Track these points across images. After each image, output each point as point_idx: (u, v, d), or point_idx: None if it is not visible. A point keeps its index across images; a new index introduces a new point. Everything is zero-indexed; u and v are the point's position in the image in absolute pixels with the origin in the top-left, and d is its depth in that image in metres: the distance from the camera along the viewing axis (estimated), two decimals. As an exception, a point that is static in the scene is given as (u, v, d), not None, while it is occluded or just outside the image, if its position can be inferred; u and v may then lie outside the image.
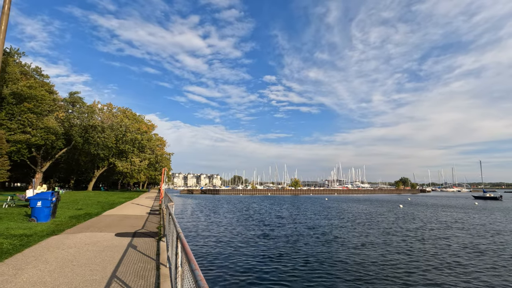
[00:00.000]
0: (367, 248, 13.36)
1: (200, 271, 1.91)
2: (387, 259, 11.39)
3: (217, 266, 10.15)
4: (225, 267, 10.03)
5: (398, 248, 13.55)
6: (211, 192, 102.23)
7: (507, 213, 32.31)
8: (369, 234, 17.41)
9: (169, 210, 6.77)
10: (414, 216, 27.94)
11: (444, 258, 11.62)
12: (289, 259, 11.26)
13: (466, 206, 44.22)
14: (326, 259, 11.29)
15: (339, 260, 11.26)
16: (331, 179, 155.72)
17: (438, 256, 12.04)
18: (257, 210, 33.88)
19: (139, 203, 25.81)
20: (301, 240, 15.26)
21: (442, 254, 12.30)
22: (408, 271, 9.87)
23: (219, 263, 10.52)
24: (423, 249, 13.37)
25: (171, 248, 5.20)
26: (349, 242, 14.72)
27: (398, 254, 12.24)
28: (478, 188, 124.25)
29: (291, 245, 13.94)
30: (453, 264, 10.81)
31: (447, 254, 12.33)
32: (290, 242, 14.69)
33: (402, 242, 14.84)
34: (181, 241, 3.06)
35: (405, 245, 14.11)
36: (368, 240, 15.33)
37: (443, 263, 10.86)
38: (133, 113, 57.89)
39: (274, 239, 15.43)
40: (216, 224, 21.19)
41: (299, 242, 14.59)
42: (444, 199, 68.53)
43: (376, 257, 11.69)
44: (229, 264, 10.41)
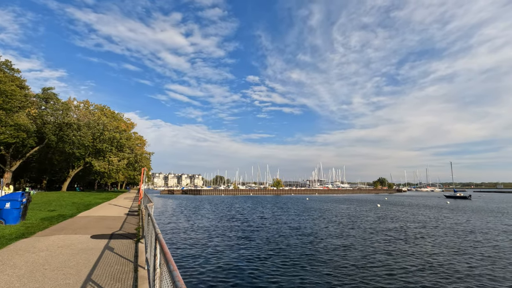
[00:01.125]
0: (348, 249, 13.69)
1: (178, 271, 1.90)
2: (368, 259, 11.74)
3: (197, 267, 10.04)
4: (204, 268, 9.95)
5: (377, 248, 13.98)
6: (192, 192, 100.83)
7: (476, 212, 34.21)
8: (350, 234, 17.85)
9: (148, 211, 6.62)
10: (391, 216, 28.96)
11: (421, 257, 12.14)
12: (270, 260, 11.33)
13: (439, 205, 46.44)
14: (307, 260, 11.46)
15: (320, 260, 11.47)
16: (312, 179, 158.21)
17: (416, 255, 12.56)
18: (239, 210, 33.84)
19: (117, 203, 25.01)
20: (283, 241, 15.41)
21: (419, 253, 12.85)
22: (388, 270, 10.22)
23: (199, 264, 10.42)
24: (401, 248, 13.89)
25: (149, 249, 5.09)
26: (330, 243, 15.03)
27: (378, 254, 12.63)
28: (450, 188, 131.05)
29: (273, 246, 14.04)
30: (430, 262, 11.33)
31: (424, 253, 12.89)
32: (271, 243, 14.79)
33: (381, 242, 15.35)
34: (159, 242, 3.01)
35: (384, 245, 14.59)
36: (349, 241, 15.71)
37: (421, 262, 11.35)
38: (111, 111, 56.04)
39: (255, 240, 15.48)
40: (197, 225, 20.96)
41: (280, 243, 14.71)
42: (418, 198, 71.58)
43: (357, 258, 12.01)
44: (209, 265, 10.33)
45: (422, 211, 33.79)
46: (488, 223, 23.07)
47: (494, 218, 26.58)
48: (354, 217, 26.92)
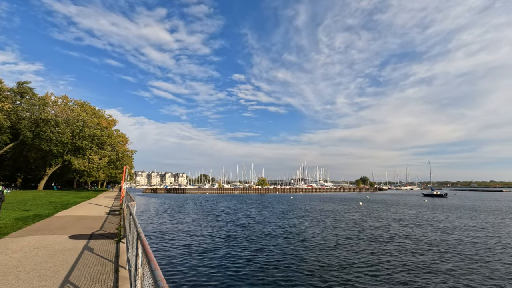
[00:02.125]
0: (332, 248, 13.92)
1: (161, 271, 1.87)
2: (351, 258, 11.99)
3: (180, 267, 9.93)
4: (188, 268, 9.85)
5: (360, 247, 14.31)
6: (176, 191, 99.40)
7: (452, 210, 35.72)
8: (333, 233, 18.15)
9: (130, 210, 6.48)
10: (372, 214, 29.74)
11: (402, 255, 12.55)
12: (255, 260, 11.35)
13: (417, 203, 48.16)
14: (292, 259, 11.57)
15: (305, 260, 11.61)
16: (297, 178, 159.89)
17: (398, 253, 12.96)
18: (224, 209, 33.71)
19: (98, 203, 24.29)
20: (268, 240, 15.49)
21: (401, 251, 13.28)
22: (371, 268, 10.49)
23: (182, 264, 10.30)
24: (383, 246, 14.29)
25: (131, 249, 4.99)
26: (314, 242, 15.24)
27: (361, 254, 12.93)
28: (428, 186, 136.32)
29: (257, 245, 14.08)
30: (411, 260, 11.73)
31: (405, 251, 13.33)
32: (256, 242, 14.84)
33: (364, 241, 15.73)
34: (141, 242, 2.95)
35: (366, 244, 14.96)
36: (332, 240, 15.98)
37: (403, 260, 11.73)
38: (92, 107, 54.19)
39: (240, 239, 15.48)
40: (180, 224, 20.70)
41: (265, 243, 14.79)
42: (398, 196, 73.96)
43: (340, 257, 12.24)
44: (192, 265, 10.24)
45: (401, 210, 34.95)
46: (464, 220, 24.19)
47: (469, 216, 27.90)
48: (337, 216, 27.45)
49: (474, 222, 22.71)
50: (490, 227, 20.02)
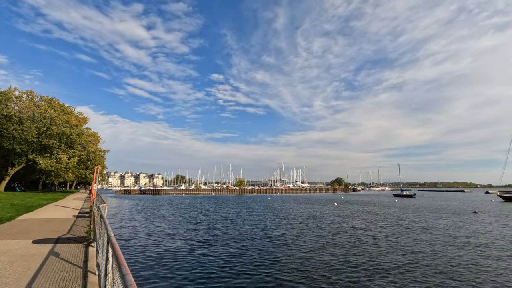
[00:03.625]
0: (310, 250, 14.15)
1: (131, 276, 1.81)
2: (328, 260, 12.27)
3: (153, 272, 9.65)
4: (161, 273, 9.59)
5: (336, 248, 14.69)
6: (151, 192, 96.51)
7: (420, 210, 37.74)
8: (309, 235, 18.47)
9: (101, 212, 6.20)
10: (347, 215, 30.69)
11: (377, 255, 13.03)
12: (231, 264, 11.30)
13: (388, 203, 50.38)
14: (270, 263, 11.62)
15: (283, 263, 11.72)
16: (274, 179, 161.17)
17: (372, 253, 13.44)
18: (201, 211, 33.26)
19: (66, 205, 23.01)
20: (245, 243, 15.48)
21: (374, 251, 13.78)
22: (346, 270, 10.80)
23: (155, 269, 10.01)
24: (357, 247, 14.77)
25: (101, 253, 4.78)
26: (291, 243, 15.42)
27: (339, 255, 13.27)
28: (398, 187, 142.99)
29: (235, 249, 14.03)
30: (385, 260, 12.21)
31: (378, 251, 13.85)
32: (234, 246, 14.77)
33: (338, 242, 16.16)
34: (112, 245, 2.84)
35: (341, 244, 15.37)
36: (309, 242, 16.25)
37: (379, 260, 12.18)
38: (60, 104, 51.24)
39: (217, 242, 15.34)
40: (155, 227, 20.14)
41: (243, 246, 14.77)
42: (371, 197, 76.94)
43: (317, 258, 12.48)
44: (166, 270, 9.98)
45: (374, 209, 36.40)
46: (431, 219, 25.65)
47: (435, 216, 29.63)
48: (314, 217, 28.01)
49: (441, 222, 24.15)
50: (455, 226, 21.40)
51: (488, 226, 21.30)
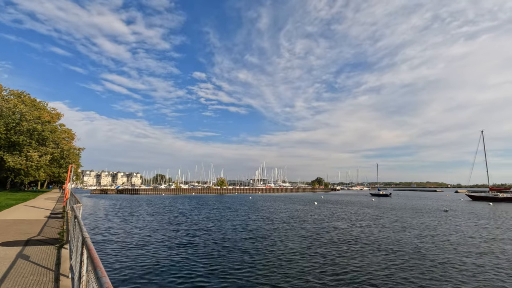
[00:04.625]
0: (291, 251, 14.30)
1: (108, 278, 1.74)
2: (307, 261, 12.44)
3: (131, 275, 9.38)
4: (140, 276, 9.35)
5: (314, 248, 14.93)
6: (129, 192, 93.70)
7: (396, 209, 39.22)
8: (290, 234, 18.67)
9: (75, 213, 5.94)
10: (326, 214, 31.32)
11: (355, 254, 13.37)
12: (213, 267, 11.22)
13: (366, 203, 51.97)
14: (253, 265, 11.65)
15: (267, 265, 11.76)
16: (256, 179, 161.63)
17: (350, 252, 13.78)
18: (182, 211, 32.73)
19: (36, 205, 21.85)
20: (228, 245, 15.41)
21: (349, 249, 14.13)
22: (327, 270, 10.99)
23: (133, 271, 9.74)
24: (338, 247, 15.09)
25: (75, 255, 4.58)
26: (270, 243, 15.53)
27: (317, 256, 13.48)
28: (375, 187, 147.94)
29: (217, 251, 13.94)
30: (362, 259, 12.56)
31: (353, 248, 14.22)
32: (215, 247, 14.68)
33: (317, 241, 16.45)
34: (87, 247, 2.73)
35: (320, 244, 15.67)
36: (290, 242, 16.42)
37: (356, 260, 12.50)
38: (32, 99, 48.56)
39: (198, 244, 15.17)
40: (133, 228, 19.59)
41: (225, 247, 14.70)
42: (349, 196, 79.04)
43: (299, 259, 12.63)
44: (144, 273, 9.74)
45: (353, 209, 37.42)
46: (405, 218, 26.72)
47: (411, 215, 30.91)
48: (295, 217, 28.34)
49: (417, 221, 25.22)
50: (431, 225, 22.42)
51: (458, 224, 22.53)
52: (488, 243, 14.90)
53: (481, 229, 19.75)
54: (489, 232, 18.46)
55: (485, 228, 20.25)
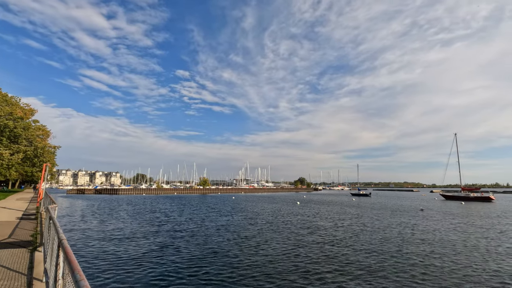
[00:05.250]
0: (275, 252, 14.35)
1: (87, 282, 1.68)
2: (294, 261, 12.54)
3: (110, 279, 9.09)
4: (120, 279, 9.09)
5: (299, 248, 15.07)
6: (108, 192, 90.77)
7: (376, 209, 40.37)
8: (272, 235, 18.76)
9: (50, 214, 5.68)
10: (308, 214, 31.76)
11: (337, 253, 13.62)
12: (196, 269, 11.10)
13: (347, 202, 53.16)
14: (237, 267, 11.61)
15: (248, 265, 11.75)
16: (239, 178, 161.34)
17: (330, 251, 14.01)
18: (163, 211, 32.11)
19: (7, 206, 20.69)
20: (211, 246, 15.29)
21: (329, 247, 14.38)
22: (307, 270, 11.12)
23: (113, 276, 9.46)
24: (320, 247, 15.32)
25: (50, 258, 4.38)
26: (254, 244, 15.55)
27: (299, 257, 13.62)
28: (355, 187, 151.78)
29: (200, 252, 13.80)
30: (345, 258, 12.81)
31: (334, 249, 14.49)
32: (198, 248, 14.52)
33: (297, 241, 16.63)
34: (63, 249, 2.61)
35: (301, 245, 15.85)
36: (274, 242, 16.50)
37: (339, 259, 12.74)
38: (3, 93, 45.90)
39: (179, 245, 14.95)
40: (112, 229, 19.01)
41: (207, 248, 14.57)
42: (331, 196, 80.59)
43: (283, 260, 12.70)
44: (126, 276, 9.48)
45: (335, 208, 38.18)
46: (385, 217, 27.58)
47: (390, 214, 31.93)
48: (277, 217, 28.52)
49: (396, 220, 26.08)
50: (410, 224, 23.26)
51: (433, 223, 23.54)
52: (461, 240, 15.67)
53: (454, 227, 20.74)
54: (463, 230, 19.42)
55: (458, 226, 21.29)
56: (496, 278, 9.27)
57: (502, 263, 11.04)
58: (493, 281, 9.05)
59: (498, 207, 41.80)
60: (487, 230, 19.16)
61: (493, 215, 29.79)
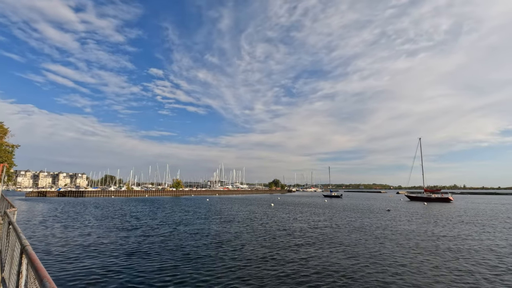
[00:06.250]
0: (250, 256, 14.33)
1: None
2: (271, 263, 12.59)
3: None
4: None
5: (273, 250, 15.17)
6: (73, 194, 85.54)
7: (348, 210, 41.72)
8: (247, 237, 18.74)
9: (9, 218, 5.25)
10: (285, 217, 32.14)
11: (305, 253, 13.86)
12: (168, 273, 10.80)
13: (320, 204, 54.53)
14: (214, 274, 11.45)
15: (223, 270, 11.63)
16: (213, 180, 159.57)
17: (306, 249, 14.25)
18: (134, 215, 30.90)
19: (-45, 210, 18.76)
20: (184, 251, 14.97)
21: (305, 246, 14.65)
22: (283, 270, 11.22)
23: (78, 286, 8.94)
24: (295, 250, 15.52)
25: (9, 267, 4.05)
26: (229, 248, 15.44)
27: (273, 259, 13.70)
28: (327, 188, 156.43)
29: (173, 256, 13.46)
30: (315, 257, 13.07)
31: (307, 244, 14.77)
32: (171, 252, 14.15)
33: (272, 242, 16.77)
34: (28, 256, 2.43)
35: (275, 245, 15.99)
36: (249, 245, 16.48)
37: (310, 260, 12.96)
38: (-47, 87, 41.75)
39: (152, 251, 14.48)
40: (77, 235, 17.96)
41: (181, 253, 14.25)
42: (304, 198, 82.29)
43: (257, 263, 12.71)
44: (93, 286, 9.00)
45: (309, 209, 38.99)
46: (356, 218, 28.62)
47: (360, 215, 33.20)
48: (252, 219, 28.57)
49: (366, 221, 27.15)
50: (382, 225, 24.30)
51: (398, 222, 24.86)
52: (423, 238, 16.71)
53: (417, 226, 22.06)
54: (426, 229, 20.71)
55: (420, 225, 22.68)
56: (455, 273, 10.01)
57: (467, 260, 11.94)
58: (452, 275, 9.75)
59: (456, 207, 45.16)
60: (448, 231, 20.62)
61: (453, 215, 32.11)
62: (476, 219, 27.56)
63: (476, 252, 13.28)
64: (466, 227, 21.46)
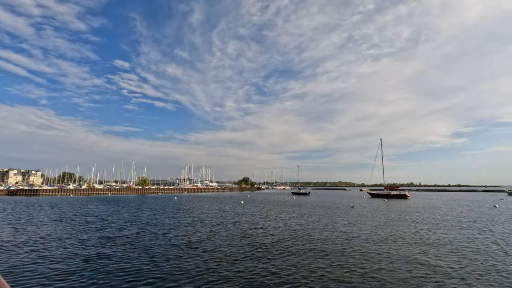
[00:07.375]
0: (220, 256, 14.17)
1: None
2: (236, 262, 12.52)
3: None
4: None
5: (240, 248, 15.16)
6: (25, 193, 78.49)
7: (315, 207, 43.06)
8: (214, 236, 18.56)
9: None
10: (255, 214, 32.34)
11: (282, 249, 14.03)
12: (135, 279, 10.36)
13: (288, 201, 55.73)
14: (185, 276, 11.16)
15: (195, 272, 11.39)
16: (182, 178, 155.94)
17: (276, 247, 14.41)
18: (96, 215, 29.16)
19: None
20: (152, 253, 14.44)
21: (278, 243, 14.83)
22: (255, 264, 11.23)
23: None
24: (264, 249, 15.63)
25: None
26: (201, 246, 15.21)
27: (245, 257, 13.69)
28: (296, 186, 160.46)
29: (140, 260, 12.92)
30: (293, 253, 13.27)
31: (281, 245, 14.96)
32: (137, 255, 13.58)
33: (240, 240, 16.78)
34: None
35: (243, 242, 16.02)
36: (216, 244, 16.31)
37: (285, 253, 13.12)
38: None
39: (115, 254, 13.78)
40: (30, 238, 16.52)
41: (149, 256, 13.73)
42: (273, 196, 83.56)
43: (230, 264, 12.60)
44: None
45: (277, 207, 39.63)
46: (322, 215, 29.62)
47: (327, 212, 34.41)
48: (221, 218, 28.39)
49: (331, 217, 28.19)
50: (350, 222, 25.32)
51: (360, 218, 26.22)
52: (383, 233, 17.79)
53: (378, 223, 23.45)
54: (384, 224, 22.06)
55: (380, 220, 24.13)
56: (415, 263, 10.77)
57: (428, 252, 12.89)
58: (412, 265, 10.48)
59: (412, 203, 48.82)
60: (406, 225, 22.16)
61: (410, 210, 34.58)
62: (431, 214, 29.98)
63: (439, 244, 14.42)
64: (424, 221, 23.23)
